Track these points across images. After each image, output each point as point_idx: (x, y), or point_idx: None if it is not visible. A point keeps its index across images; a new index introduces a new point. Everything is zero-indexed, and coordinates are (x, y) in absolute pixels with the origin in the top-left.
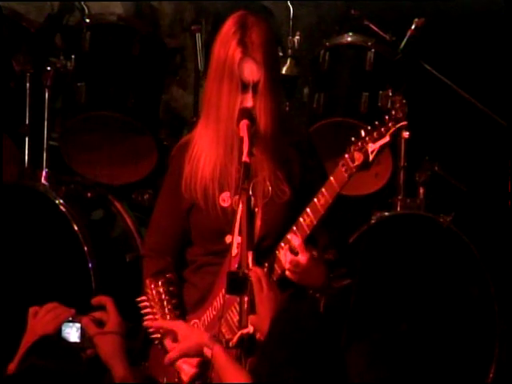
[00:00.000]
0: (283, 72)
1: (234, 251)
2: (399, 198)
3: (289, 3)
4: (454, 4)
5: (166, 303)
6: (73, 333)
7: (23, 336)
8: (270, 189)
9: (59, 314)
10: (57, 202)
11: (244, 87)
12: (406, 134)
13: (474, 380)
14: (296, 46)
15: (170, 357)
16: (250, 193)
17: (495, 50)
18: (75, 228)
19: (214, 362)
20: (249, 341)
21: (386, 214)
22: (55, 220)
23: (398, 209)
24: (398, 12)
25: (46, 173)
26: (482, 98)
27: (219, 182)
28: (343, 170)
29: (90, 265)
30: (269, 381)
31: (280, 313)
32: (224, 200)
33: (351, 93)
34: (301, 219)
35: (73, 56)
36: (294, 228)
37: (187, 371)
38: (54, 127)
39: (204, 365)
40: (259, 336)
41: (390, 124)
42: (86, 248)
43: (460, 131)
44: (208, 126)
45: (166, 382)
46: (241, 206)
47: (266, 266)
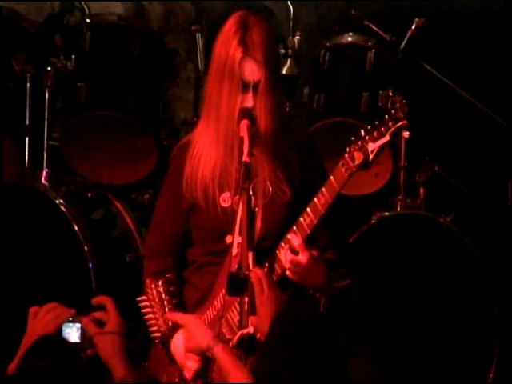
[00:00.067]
0: (283, 72)
1: (235, 251)
2: (399, 198)
3: (289, 3)
4: (454, 4)
5: (166, 303)
6: (73, 333)
7: (23, 336)
8: (270, 189)
9: (59, 314)
10: (57, 202)
11: (244, 87)
12: (406, 134)
13: (474, 380)
14: (296, 46)
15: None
16: (250, 193)
17: (495, 49)
18: (75, 228)
19: (217, 362)
20: (249, 341)
21: (386, 213)
22: (55, 220)
23: (398, 209)
24: (397, 12)
25: (46, 173)
26: (482, 98)
27: (219, 181)
28: (343, 169)
29: (90, 265)
30: (269, 381)
31: (280, 313)
32: (224, 200)
33: (351, 93)
34: (301, 219)
35: (73, 56)
36: (295, 228)
37: (190, 367)
38: (54, 127)
39: (207, 361)
40: (259, 336)
41: (389, 123)
42: (86, 248)
43: (460, 131)
44: (208, 125)
45: (167, 381)
46: (241, 206)
47: (267, 265)
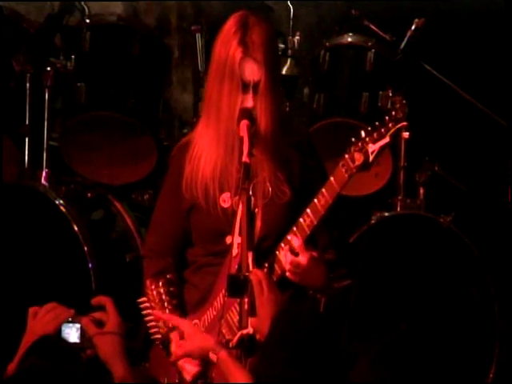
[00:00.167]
0: (283, 72)
1: (234, 252)
2: (399, 198)
3: (289, 3)
4: (454, 4)
5: (166, 304)
6: (73, 333)
7: (23, 336)
8: (270, 189)
9: (59, 314)
10: (57, 202)
11: (244, 87)
12: (406, 135)
13: (474, 380)
14: (296, 46)
15: (176, 354)
16: (250, 193)
17: (495, 50)
18: (75, 228)
19: (221, 367)
20: (249, 341)
21: (386, 214)
22: (55, 220)
23: (398, 209)
24: (398, 12)
25: (46, 173)
26: (482, 98)
27: (220, 182)
28: (343, 170)
29: (90, 265)
30: (269, 381)
31: (280, 313)
32: (224, 201)
33: (351, 93)
34: (301, 220)
35: (73, 56)
36: (294, 228)
37: (190, 370)
38: (54, 127)
39: (206, 364)
40: (259, 337)
41: (390, 125)
42: (86, 248)
43: (460, 131)
44: (208, 125)
45: (167, 382)
46: (241, 207)
47: (266, 266)
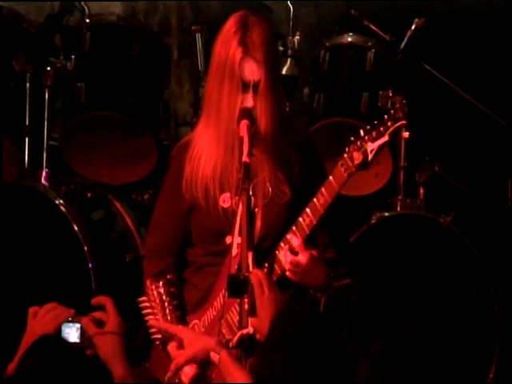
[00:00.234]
0: (283, 72)
1: (234, 252)
2: (399, 198)
3: (289, 3)
4: (454, 4)
5: (167, 304)
6: (73, 333)
7: (23, 336)
8: (270, 189)
9: (59, 314)
10: (57, 202)
11: (244, 87)
12: (405, 134)
13: (474, 380)
14: (296, 46)
15: (177, 362)
16: (250, 193)
17: (495, 50)
18: (75, 228)
19: (222, 368)
20: (249, 341)
21: (386, 214)
22: (55, 220)
23: (398, 209)
24: (398, 12)
25: (46, 173)
26: (482, 98)
27: (220, 182)
28: (342, 169)
29: (90, 265)
30: (269, 381)
31: (280, 313)
32: (224, 201)
33: (351, 93)
34: (300, 219)
35: (73, 56)
36: (294, 228)
37: (187, 372)
38: (54, 127)
39: (204, 365)
40: (259, 337)
41: (389, 123)
42: (86, 248)
43: (460, 131)
44: (208, 125)
45: (167, 382)
46: (241, 207)
47: (266, 266)
